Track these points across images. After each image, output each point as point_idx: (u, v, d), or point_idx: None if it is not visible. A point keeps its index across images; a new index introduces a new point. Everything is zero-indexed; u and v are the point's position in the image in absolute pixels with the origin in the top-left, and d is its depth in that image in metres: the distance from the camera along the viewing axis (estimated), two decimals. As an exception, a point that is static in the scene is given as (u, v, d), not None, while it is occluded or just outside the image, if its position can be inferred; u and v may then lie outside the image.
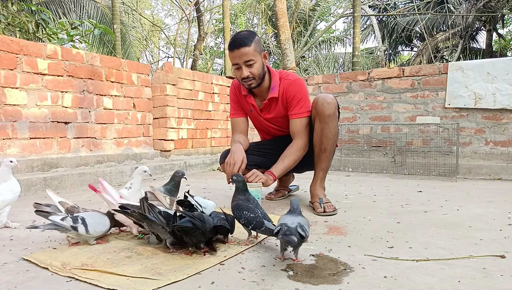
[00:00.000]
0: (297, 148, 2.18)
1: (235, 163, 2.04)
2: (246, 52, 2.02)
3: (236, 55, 2.04)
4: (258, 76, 2.11)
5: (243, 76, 2.08)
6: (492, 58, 11.07)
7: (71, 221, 1.43)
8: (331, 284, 1.13)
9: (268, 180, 2.09)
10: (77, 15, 9.59)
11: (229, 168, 2.05)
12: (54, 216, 1.44)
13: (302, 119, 2.19)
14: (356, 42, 7.08)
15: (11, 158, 1.81)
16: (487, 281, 1.14)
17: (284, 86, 2.20)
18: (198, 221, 1.32)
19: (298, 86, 2.20)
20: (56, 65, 3.29)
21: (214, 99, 5.06)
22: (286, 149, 2.20)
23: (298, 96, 2.18)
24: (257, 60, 2.06)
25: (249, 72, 2.06)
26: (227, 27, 8.53)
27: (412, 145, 4.18)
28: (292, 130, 2.22)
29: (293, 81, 2.20)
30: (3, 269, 1.26)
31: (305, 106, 2.19)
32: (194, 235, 1.34)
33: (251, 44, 2.02)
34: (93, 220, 1.48)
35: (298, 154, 2.18)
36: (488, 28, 13.86)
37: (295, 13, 13.86)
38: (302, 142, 2.19)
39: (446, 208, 2.22)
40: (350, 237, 1.63)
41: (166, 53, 24.02)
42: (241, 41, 2.02)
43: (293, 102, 2.19)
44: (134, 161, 3.89)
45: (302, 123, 2.19)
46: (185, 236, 1.36)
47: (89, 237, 1.48)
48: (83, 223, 1.44)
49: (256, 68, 2.07)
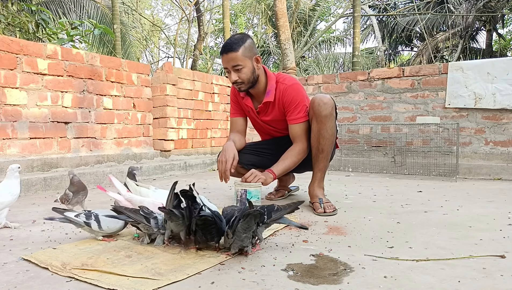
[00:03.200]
0: (298, 151, 2.19)
1: (226, 160, 2.06)
2: (233, 57, 2.04)
3: (224, 60, 2.08)
4: (248, 81, 2.12)
5: (232, 81, 2.12)
6: (492, 58, 11.07)
7: (85, 217, 1.50)
8: (331, 284, 1.13)
9: (268, 179, 2.09)
10: (77, 15, 9.58)
11: (221, 166, 2.07)
12: (69, 213, 1.52)
13: (301, 124, 2.19)
14: (356, 42, 7.08)
15: (17, 164, 1.81)
16: (487, 281, 1.14)
17: (281, 91, 2.20)
18: (217, 218, 1.35)
19: (295, 91, 2.19)
20: (56, 65, 3.29)
21: (214, 99, 5.06)
22: (287, 151, 2.21)
23: (294, 101, 2.18)
24: (245, 64, 2.07)
25: (237, 77, 2.09)
26: (227, 27, 8.53)
27: (412, 145, 4.18)
28: (292, 135, 2.23)
29: (289, 86, 2.19)
30: (3, 269, 1.26)
31: (302, 111, 2.19)
32: (210, 230, 1.34)
33: (239, 49, 2.03)
34: (106, 217, 1.53)
35: (298, 157, 2.19)
36: (488, 28, 13.87)
37: (295, 13, 13.85)
38: (302, 146, 2.20)
39: (446, 208, 2.22)
40: (350, 237, 1.63)
41: (166, 53, 24.04)
42: (229, 46, 2.04)
43: (290, 107, 2.19)
44: (134, 161, 3.89)
45: (301, 128, 2.19)
46: (202, 231, 1.35)
47: (102, 233, 1.53)
48: (96, 219, 1.50)
49: (245, 73, 2.08)
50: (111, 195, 1.65)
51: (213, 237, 1.37)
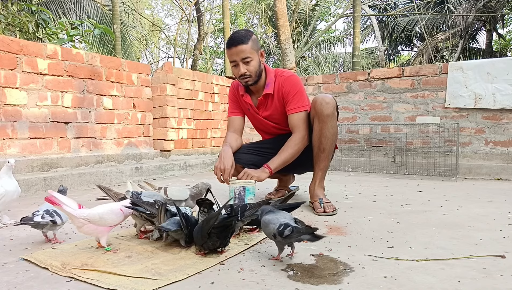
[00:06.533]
0: (294, 141, 2.16)
1: (225, 168, 2.05)
2: (243, 49, 2.06)
3: (233, 52, 2.08)
4: (255, 74, 2.14)
5: (240, 73, 2.12)
6: (492, 58, 11.07)
7: (49, 216, 1.47)
8: (331, 284, 1.13)
9: (262, 174, 2.07)
10: (77, 15, 9.58)
11: (219, 174, 2.07)
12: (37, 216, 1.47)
13: (300, 113, 2.18)
14: (356, 42, 7.08)
15: (10, 159, 1.81)
16: (487, 281, 1.14)
17: (280, 83, 2.21)
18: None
19: (293, 82, 2.21)
20: (56, 65, 3.29)
21: (214, 99, 5.06)
22: (285, 143, 2.20)
23: (293, 91, 2.19)
24: (254, 57, 2.10)
25: (246, 69, 2.10)
26: (227, 27, 8.53)
27: (412, 145, 4.18)
28: (291, 125, 2.22)
29: (287, 77, 2.21)
30: (3, 269, 1.26)
31: (301, 101, 2.19)
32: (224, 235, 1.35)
33: (248, 42, 2.06)
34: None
35: (296, 147, 2.15)
36: (488, 28, 13.86)
37: (295, 13, 13.86)
38: (300, 135, 2.16)
39: (446, 208, 2.22)
40: (350, 237, 1.63)
41: (166, 53, 24.03)
42: (238, 39, 2.06)
43: (289, 97, 2.20)
44: (134, 161, 3.89)
45: (300, 117, 2.18)
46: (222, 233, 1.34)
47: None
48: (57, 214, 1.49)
49: (253, 66, 2.11)
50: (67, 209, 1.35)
51: (227, 242, 1.38)
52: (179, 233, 1.42)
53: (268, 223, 1.33)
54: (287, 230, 1.26)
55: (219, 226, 1.31)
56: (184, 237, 1.43)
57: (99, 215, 1.39)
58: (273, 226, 1.30)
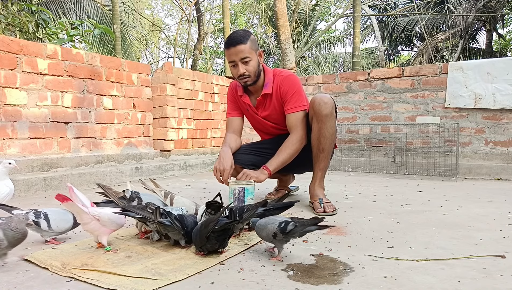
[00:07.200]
0: (292, 142, 2.16)
1: (224, 169, 2.05)
2: (242, 49, 2.06)
3: (232, 52, 2.08)
4: (254, 74, 2.14)
5: (239, 73, 2.12)
6: (492, 58, 11.07)
7: (34, 216, 1.43)
8: (331, 284, 1.13)
9: (261, 175, 2.07)
10: (77, 15, 9.59)
11: (218, 174, 2.07)
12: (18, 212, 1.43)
13: (298, 113, 2.18)
14: (356, 42, 7.08)
15: (10, 160, 1.81)
16: (487, 281, 1.14)
17: (278, 82, 2.21)
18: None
19: (292, 81, 2.21)
20: (56, 65, 3.29)
21: (214, 99, 5.06)
22: (282, 143, 2.20)
23: (291, 91, 2.19)
24: (252, 57, 2.10)
25: (245, 69, 2.10)
26: (227, 27, 8.52)
27: (412, 145, 4.18)
28: (289, 125, 2.22)
29: (286, 77, 2.21)
30: (3, 269, 1.26)
31: (299, 100, 2.19)
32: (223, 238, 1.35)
33: (247, 42, 2.07)
34: (56, 216, 1.46)
35: (293, 147, 2.15)
36: (488, 28, 13.86)
37: (295, 13, 13.86)
38: (298, 135, 2.16)
39: (446, 208, 2.22)
40: (350, 237, 1.63)
41: (166, 53, 24.03)
42: (237, 39, 2.06)
43: (287, 97, 2.20)
44: (134, 161, 3.89)
45: (298, 117, 2.18)
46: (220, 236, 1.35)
47: (50, 234, 1.46)
48: (46, 218, 1.44)
49: (252, 66, 2.11)
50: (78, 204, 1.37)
51: (225, 244, 1.38)
52: (179, 233, 1.42)
53: (265, 224, 1.34)
54: (290, 225, 1.27)
55: (218, 230, 1.31)
56: (183, 237, 1.43)
57: (108, 217, 1.41)
58: (272, 225, 1.31)
